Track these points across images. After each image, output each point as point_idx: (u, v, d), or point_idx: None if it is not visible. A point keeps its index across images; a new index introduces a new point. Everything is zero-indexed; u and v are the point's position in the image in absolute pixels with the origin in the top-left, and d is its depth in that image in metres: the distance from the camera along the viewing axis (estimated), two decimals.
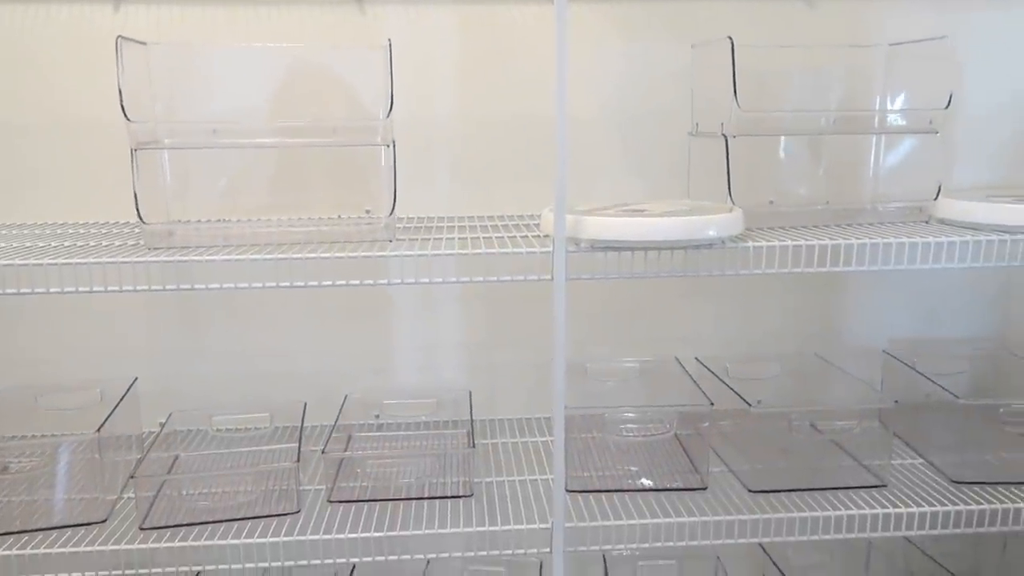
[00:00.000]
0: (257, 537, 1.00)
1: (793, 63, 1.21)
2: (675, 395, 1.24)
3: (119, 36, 0.95)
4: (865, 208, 1.18)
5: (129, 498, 1.09)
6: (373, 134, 1.02)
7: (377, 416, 1.34)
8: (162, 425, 1.21)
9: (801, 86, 1.21)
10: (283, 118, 1.08)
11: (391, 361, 1.37)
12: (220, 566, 1.00)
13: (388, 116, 0.99)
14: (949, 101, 1.09)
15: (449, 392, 1.33)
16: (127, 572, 0.98)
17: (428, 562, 1.35)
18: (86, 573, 0.97)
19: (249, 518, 1.04)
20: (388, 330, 1.36)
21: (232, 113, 1.08)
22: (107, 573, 0.98)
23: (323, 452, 1.10)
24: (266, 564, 1.00)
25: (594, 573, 1.40)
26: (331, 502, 1.09)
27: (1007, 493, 1.08)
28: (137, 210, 0.96)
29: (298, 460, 1.06)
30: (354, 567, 1.33)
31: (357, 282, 0.95)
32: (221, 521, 1.03)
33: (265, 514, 1.05)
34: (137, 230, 1.10)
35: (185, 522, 1.02)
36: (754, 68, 1.13)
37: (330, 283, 0.95)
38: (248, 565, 1.00)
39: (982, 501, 1.06)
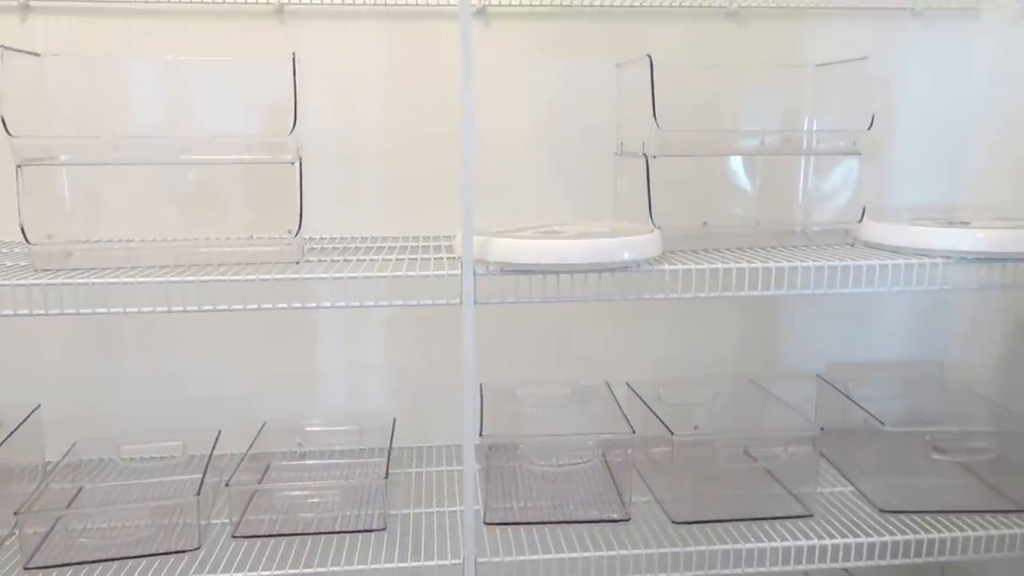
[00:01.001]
0: None
1: (721, 83, 1.19)
2: (606, 421, 1.21)
3: (1, 46, 0.90)
4: (795, 230, 1.16)
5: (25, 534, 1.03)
6: (282, 150, 0.99)
7: (300, 444, 1.29)
8: (65, 455, 1.15)
9: (729, 106, 1.20)
10: (190, 133, 1.03)
11: (314, 386, 1.32)
12: None
13: (292, 132, 0.96)
14: (871, 122, 1.08)
15: (374, 419, 1.28)
16: None
17: None
18: None
19: (145, 556, 0.98)
20: (312, 354, 1.31)
21: (136, 128, 1.04)
22: None
23: (227, 484, 1.05)
24: None
25: None
26: (235, 537, 1.04)
27: (934, 522, 1.05)
28: (22, 230, 0.91)
29: (199, 493, 1.01)
30: None
31: (255, 306, 0.91)
32: (114, 559, 0.97)
33: (163, 551, 0.99)
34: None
35: (75, 560, 0.97)
36: (681, 87, 1.11)
37: (225, 307, 0.91)
38: None
39: (907, 531, 1.03)
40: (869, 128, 1.08)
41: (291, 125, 0.96)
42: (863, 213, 1.11)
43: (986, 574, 1.28)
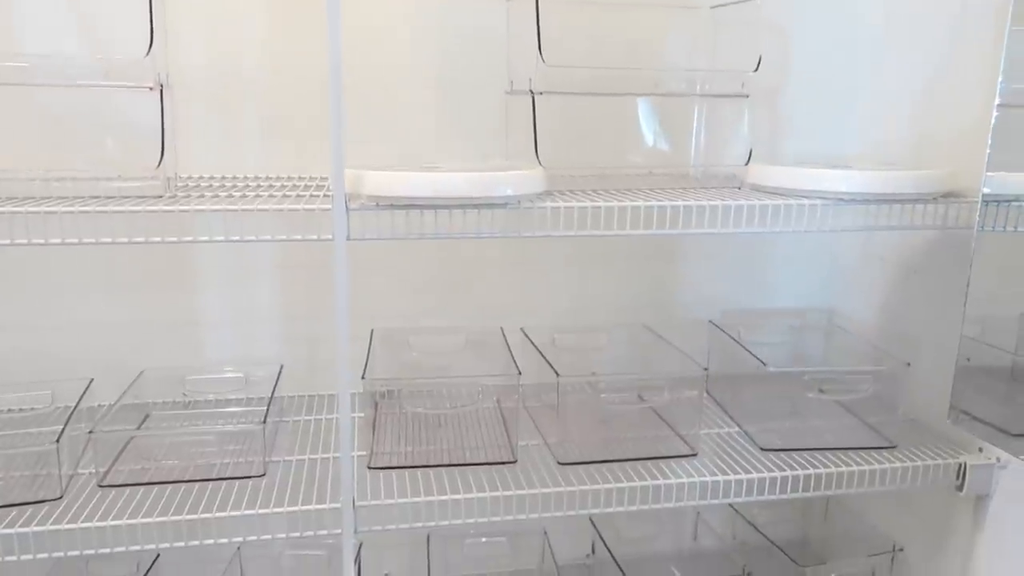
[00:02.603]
0: (4, 527, 0.89)
1: (613, 23, 1.17)
2: (499, 367, 1.20)
3: None
4: (687, 174, 1.16)
5: None
6: (140, 76, 0.92)
7: (184, 394, 1.24)
8: None
9: (621, 47, 1.18)
10: (37, 53, 0.96)
11: (198, 335, 1.26)
12: None
13: (149, 53, 0.89)
14: (758, 64, 1.08)
15: (261, 366, 1.24)
16: None
17: (239, 548, 1.27)
18: None
19: (1, 506, 0.93)
20: (195, 301, 1.26)
21: None
22: None
23: (90, 433, 1.00)
24: (15, 558, 0.89)
25: (420, 554, 1.35)
26: (101, 486, 0.99)
27: (811, 459, 1.08)
28: None
29: (58, 440, 0.96)
30: (157, 556, 1.24)
31: (109, 240, 0.85)
32: None
33: (20, 501, 0.94)
34: None
35: None
36: (571, 26, 1.09)
37: (92, 240, 0.84)
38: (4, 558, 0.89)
39: (785, 468, 1.06)
40: (756, 70, 1.08)
41: (147, 48, 0.90)
42: (749, 156, 1.12)
43: (865, 508, 1.33)
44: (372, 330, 1.23)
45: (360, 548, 1.25)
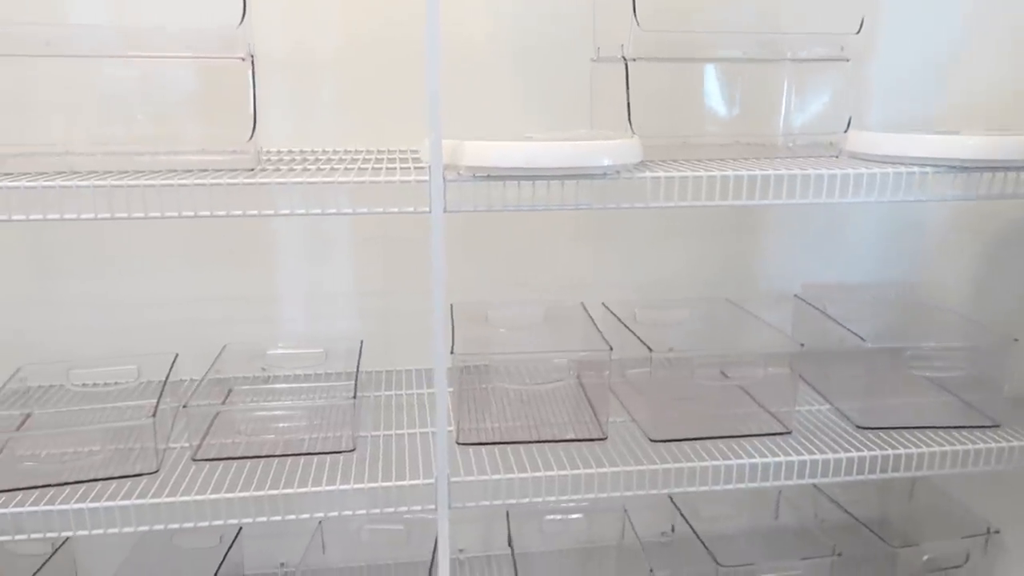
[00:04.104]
0: (105, 501, 0.89)
1: None
2: (580, 342, 1.17)
3: None
4: (777, 143, 1.11)
5: None
6: (231, 47, 0.90)
7: (264, 369, 1.23)
8: (10, 379, 1.09)
9: (711, 11, 1.13)
10: (131, 25, 0.94)
11: (278, 310, 1.26)
12: (64, 533, 0.89)
13: (242, 23, 0.87)
14: (861, 25, 1.03)
15: (340, 341, 1.23)
16: None
17: (320, 522, 1.27)
18: None
19: (100, 479, 0.93)
20: (275, 276, 1.25)
21: (69, 22, 0.95)
22: None
23: (183, 407, 1.00)
24: (117, 530, 0.90)
25: (500, 530, 1.34)
26: (195, 460, 0.99)
27: (911, 438, 1.04)
28: None
29: (154, 414, 0.96)
30: (240, 529, 1.25)
31: (207, 213, 0.84)
32: (67, 483, 0.92)
33: (119, 475, 0.95)
34: None
35: (25, 486, 0.91)
36: None
37: (175, 214, 0.83)
38: (97, 531, 0.90)
39: (885, 447, 1.02)
40: (858, 31, 1.03)
41: (239, 18, 0.88)
42: (848, 123, 1.07)
43: (952, 487, 1.29)
44: (452, 305, 1.21)
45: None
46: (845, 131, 1.06)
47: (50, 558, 1.15)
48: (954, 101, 1.27)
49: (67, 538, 1.19)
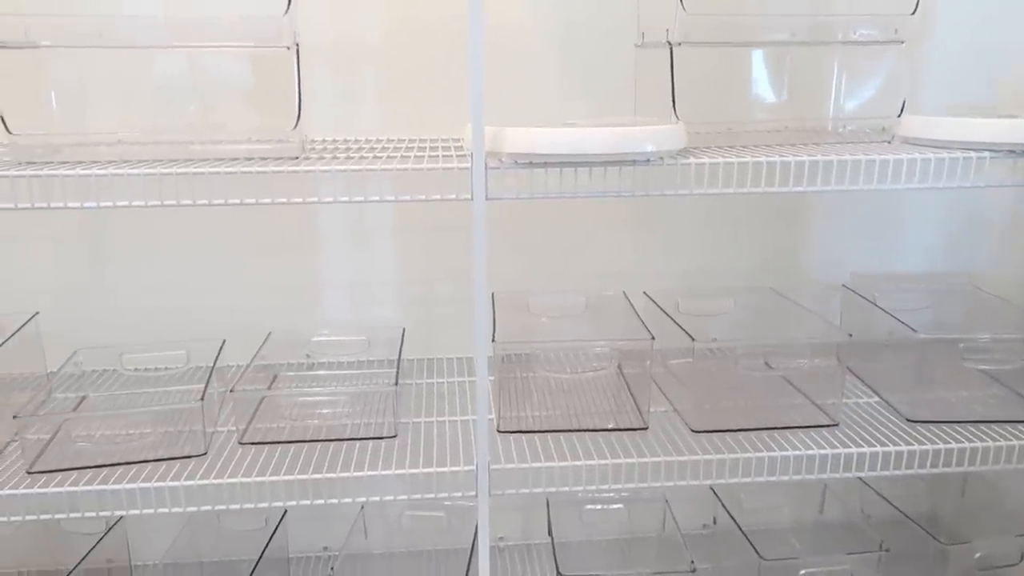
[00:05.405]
0: (155, 481, 0.91)
1: None
2: (622, 331, 1.16)
3: None
4: (827, 129, 1.09)
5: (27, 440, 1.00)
6: (277, 36, 0.91)
7: (308, 355, 1.25)
8: (65, 363, 1.12)
9: None
10: (179, 15, 0.96)
11: (320, 297, 1.28)
12: (116, 511, 0.92)
13: (288, 11, 0.88)
14: (916, 6, 0.99)
15: (382, 330, 1.24)
16: (13, 518, 0.90)
17: (362, 508, 1.29)
18: None
19: (150, 461, 0.96)
20: (317, 264, 1.27)
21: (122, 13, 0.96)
22: None
23: (231, 391, 1.02)
24: (167, 510, 0.92)
25: (539, 519, 1.34)
26: (242, 444, 1.01)
27: (964, 432, 1.01)
28: (1, 119, 0.86)
29: (203, 398, 0.98)
30: (285, 512, 1.27)
31: (253, 200, 0.85)
32: (119, 464, 0.95)
33: (169, 457, 0.97)
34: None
35: (79, 465, 0.94)
36: None
37: (221, 201, 0.85)
38: (147, 511, 0.92)
39: (937, 441, 0.99)
40: (913, 12, 1.00)
41: (285, 6, 0.89)
42: (902, 108, 1.04)
43: (1006, 484, 1.25)
44: (493, 293, 1.21)
45: None
46: (899, 116, 1.03)
47: (103, 537, 1.19)
48: (1014, 85, 1.22)
49: (120, 518, 1.23)
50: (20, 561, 1.24)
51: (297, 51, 0.92)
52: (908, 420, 1.05)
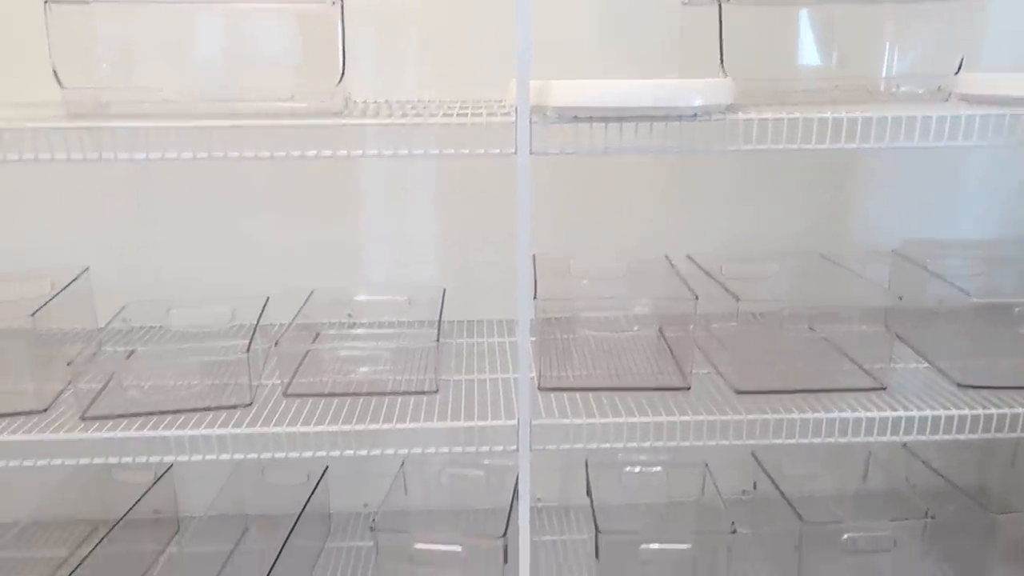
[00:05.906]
0: (203, 429, 0.94)
1: None
2: (664, 294, 1.15)
3: None
4: (879, 88, 1.06)
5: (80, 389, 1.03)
6: None
7: (349, 315, 1.26)
8: (114, 317, 1.15)
9: None
10: None
11: (362, 256, 1.29)
12: (166, 457, 0.94)
13: None
14: None
15: (423, 290, 1.25)
16: (67, 462, 0.93)
17: (403, 462, 1.30)
18: (24, 461, 0.92)
19: (198, 410, 0.98)
20: (359, 224, 1.28)
21: None
22: (46, 462, 0.93)
23: (275, 345, 1.03)
24: (214, 456, 0.94)
25: (578, 479, 1.34)
26: (287, 396, 1.03)
27: (1018, 398, 0.99)
28: (54, 72, 0.87)
29: (248, 350, 1.00)
30: (327, 468, 1.29)
31: (298, 153, 0.86)
32: (168, 412, 0.97)
33: (215, 406, 0.99)
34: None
35: (130, 412, 0.97)
36: None
37: (268, 155, 0.86)
38: (195, 457, 0.94)
39: (989, 405, 0.97)
40: None
41: None
42: (960, 65, 1.00)
43: None
44: (534, 256, 1.20)
45: None
46: (956, 73, 1.00)
47: (152, 488, 1.22)
48: None
49: (168, 467, 1.27)
50: (72, 511, 1.28)
51: (342, 6, 0.92)
52: (959, 385, 1.03)
